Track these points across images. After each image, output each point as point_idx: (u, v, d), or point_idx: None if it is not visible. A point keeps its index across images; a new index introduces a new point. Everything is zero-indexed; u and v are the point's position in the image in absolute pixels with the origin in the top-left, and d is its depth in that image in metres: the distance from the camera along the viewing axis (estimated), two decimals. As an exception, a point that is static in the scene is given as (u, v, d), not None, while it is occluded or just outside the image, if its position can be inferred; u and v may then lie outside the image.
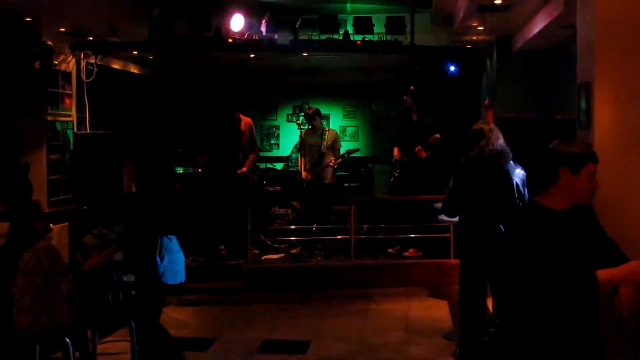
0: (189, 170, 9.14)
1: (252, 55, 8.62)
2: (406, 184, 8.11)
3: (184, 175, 8.40)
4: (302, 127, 8.64)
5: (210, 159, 8.54)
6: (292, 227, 8.60)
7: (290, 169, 10.60)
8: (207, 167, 8.63)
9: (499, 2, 6.51)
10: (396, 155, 8.26)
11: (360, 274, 7.71)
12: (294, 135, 10.62)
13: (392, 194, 8.61)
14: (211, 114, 10.99)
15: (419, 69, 8.08)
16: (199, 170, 9.45)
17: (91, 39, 7.62)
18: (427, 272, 7.65)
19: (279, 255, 8.31)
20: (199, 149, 8.80)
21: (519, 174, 4.66)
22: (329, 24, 8.05)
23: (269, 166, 10.24)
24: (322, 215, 8.47)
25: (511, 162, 4.67)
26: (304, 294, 7.47)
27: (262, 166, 10.26)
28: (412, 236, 8.01)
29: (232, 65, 10.04)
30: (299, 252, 8.26)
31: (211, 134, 8.58)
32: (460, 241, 4.91)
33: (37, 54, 6.52)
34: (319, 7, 8.44)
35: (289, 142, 11.77)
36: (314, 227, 8.34)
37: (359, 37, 8.05)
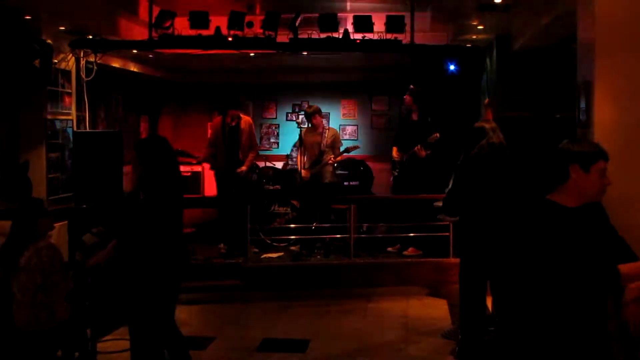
0: (187, 169, 9.14)
1: (252, 54, 8.61)
2: (406, 183, 8.12)
3: (183, 174, 8.39)
4: (301, 125, 8.64)
5: (210, 157, 8.55)
6: (292, 225, 8.60)
7: (289, 167, 10.59)
8: (207, 166, 8.63)
9: (498, 1, 6.51)
10: (395, 156, 8.27)
11: (359, 273, 7.72)
12: (293, 134, 10.61)
13: (391, 192, 8.61)
14: (211, 113, 11.01)
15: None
16: (198, 169, 9.46)
17: (91, 37, 7.61)
18: (426, 271, 7.66)
19: (279, 254, 8.31)
20: (199, 148, 8.80)
21: (518, 173, 4.66)
22: (328, 22, 8.05)
23: (269, 165, 10.23)
24: (322, 214, 8.48)
25: (511, 161, 4.67)
26: (304, 292, 7.47)
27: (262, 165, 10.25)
28: (411, 235, 8.01)
29: (232, 63, 10.02)
30: (298, 251, 8.26)
31: (211, 132, 8.58)
32: (460, 240, 4.91)
33: (37, 52, 6.50)
34: (319, 5, 8.43)
35: (288, 141, 11.77)
36: (314, 225, 8.34)
37: (359, 35, 8.05)
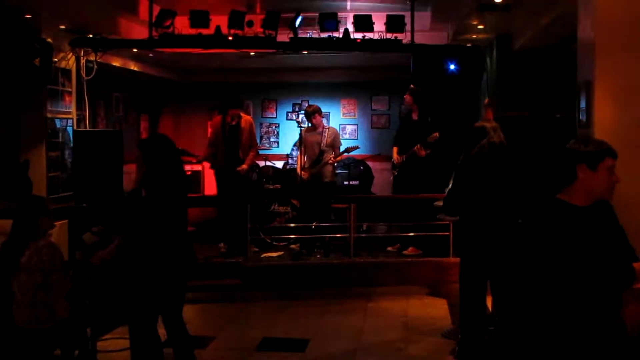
0: (187, 168, 9.13)
1: (252, 53, 8.61)
2: (406, 183, 8.12)
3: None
4: (302, 125, 8.64)
5: (210, 157, 8.55)
6: (292, 225, 8.60)
7: (289, 167, 10.59)
8: (207, 165, 8.63)
9: (499, 0, 6.51)
10: (395, 158, 8.27)
11: (359, 272, 7.72)
12: (294, 133, 10.62)
13: (391, 192, 8.61)
14: (211, 112, 11.02)
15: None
16: (198, 168, 9.46)
17: (91, 36, 7.61)
18: (426, 270, 7.66)
19: (279, 253, 8.31)
20: (199, 147, 8.80)
21: (519, 173, 4.66)
22: (329, 21, 8.05)
23: (269, 164, 10.23)
24: (322, 213, 8.48)
25: (511, 160, 4.67)
26: (304, 292, 7.47)
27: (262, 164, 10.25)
28: (411, 235, 8.02)
29: (232, 62, 10.02)
30: (298, 250, 8.26)
31: (211, 131, 8.58)
32: (460, 240, 4.91)
33: (37, 51, 6.50)
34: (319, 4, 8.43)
35: (288, 140, 11.77)
36: (314, 225, 8.34)
37: (359, 35, 8.05)
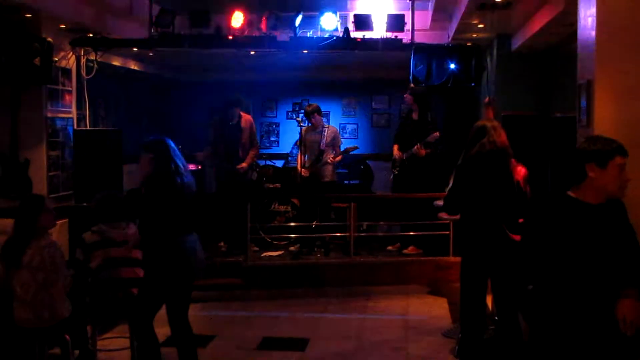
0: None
1: (252, 52, 8.61)
2: (406, 182, 8.12)
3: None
4: (302, 124, 8.64)
5: (210, 155, 8.55)
6: (292, 224, 8.60)
7: (290, 164, 10.59)
8: (207, 164, 8.63)
9: (499, -1, 6.51)
10: (395, 154, 8.26)
11: (359, 272, 7.72)
12: (294, 132, 10.62)
13: (391, 191, 8.61)
14: (211, 111, 11.01)
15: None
16: (198, 167, 9.45)
17: (91, 35, 7.61)
18: (426, 269, 7.67)
19: (279, 252, 8.32)
20: (199, 146, 8.79)
21: (520, 172, 4.66)
22: (329, 21, 8.07)
23: (269, 163, 10.23)
24: (322, 212, 8.48)
25: (512, 159, 4.66)
26: (304, 291, 7.48)
27: (262, 163, 10.25)
28: (411, 234, 8.02)
29: (232, 62, 10.02)
30: (298, 249, 8.27)
31: (211, 130, 8.58)
32: (461, 239, 4.90)
33: (37, 50, 6.50)
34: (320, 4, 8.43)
35: (289, 140, 11.77)
36: (314, 224, 8.34)
37: (360, 34, 8.06)
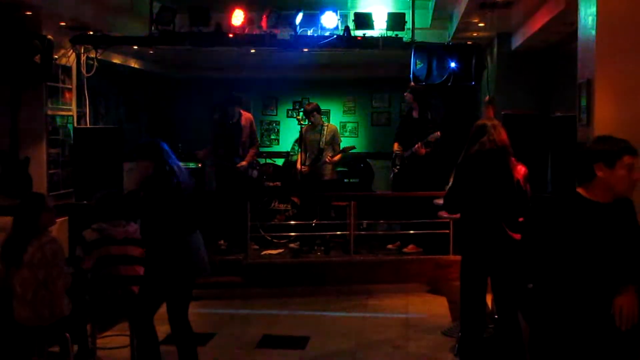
0: (189, 165, 9.13)
1: (253, 50, 8.61)
2: (406, 180, 8.12)
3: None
4: (302, 122, 8.64)
5: (210, 154, 8.55)
6: (292, 222, 8.60)
7: (292, 159, 10.56)
8: (207, 162, 8.63)
9: (500, -2, 6.52)
10: (396, 149, 8.26)
11: (359, 270, 7.72)
12: (294, 130, 10.61)
13: (391, 190, 8.61)
14: (211, 109, 11.01)
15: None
16: (198, 165, 9.45)
17: (91, 33, 7.61)
18: (426, 268, 7.66)
19: (279, 250, 8.31)
20: (199, 144, 8.79)
21: (520, 171, 4.65)
22: (329, 19, 8.06)
23: (269, 161, 10.23)
24: (322, 211, 8.48)
25: (512, 158, 4.66)
26: (304, 289, 7.48)
27: (262, 161, 10.25)
28: (411, 232, 8.02)
29: (233, 60, 10.02)
30: (298, 248, 8.27)
31: (211, 129, 8.58)
32: (461, 237, 4.90)
33: (38, 48, 6.49)
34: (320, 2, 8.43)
35: (289, 138, 11.77)
36: (314, 222, 8.34)
37: (360, 33, 8.06)
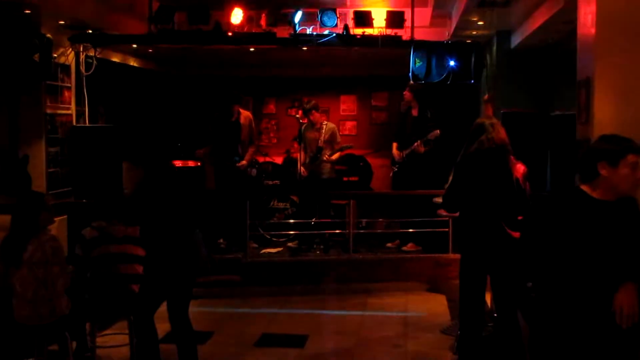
0: (188, 163, 9.11)
1: (252, 49, 8.61)
2: (405, 179, 8.13)
3: (183, 169, 8.40)
4: (301, 121, 8.64)
5: (209, 152, 8.55)
6: (291, 221, 8.60)
7: (291, 155, 10.53)
8: (207, 161, 8.62)
9: (499, -3, 6.51)
10: (394, 153, 8.27)
11: (358, 269, 7.73)
12: (293, 129, 10.59)
13: (391, 188, 8.61)
14: (211, 108, 10.99)
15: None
16: (198, 163, 9.43)
17: (90, 31, 7.60)
18: (425, 266, 7.67)
19: (278, 249, 8.32)
20: (198, 143, 8.79)
21: (519, 169, 4.65)
22: (328, 17, 8.07)
23: (268, 160, 10.21)
24: (321, 209, 8.48)
25: (511, 157, 4.66)
26: (303, 287, 7.49)
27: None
28: (410, 231, 8.02)
29: (232, 58, 10.01)
30: (297, 246, 8.27)
31: (211, 127, 8.58)
32: (460, 236, 4.90)
33: (37, 46, 6.49)
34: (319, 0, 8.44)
35: (288, 137, 11.74)
36: (313, 221, 8.35)
37: (359, 31, 8.06)
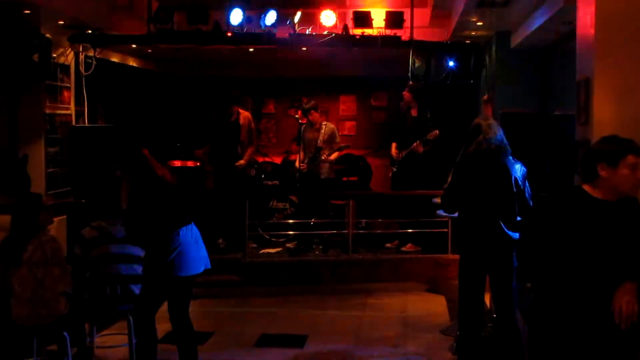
0: (187, 163, 9.11)
1: (251, 49, 8.61)
2: (404, 179, 8.13)
3: (182, 169, 8.40)
4: (300, 121, 8.64)
5: (209, 152, 8.54)
6: (290, 221, 8.60)
7: (289, 158, 10.54)
8: (206, 161, 8.62)
9: (498, -3, 6.51)
10: (393, 153, 8.27)
11: (358, 269, 7.73)
12: (292, 129, 10.59)
13: (390, 188, 8.62)
14: (210, 108, 10.99)
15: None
16: (197, 164, 9.43)
17: (90, 32, 7.61)
18: (424, 267, 7.68)
19: (277, 249, 8.32)
20: (198, 143, 8.78)
21: (518, 170, 4.66)
22: (327, 18, 8.08)
23: (267, 160, 10.21)
24: (320, 209, 8.48)
25: (510, 157, 4.66)
26: (302, 288, 7.49)
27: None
28: (410, 231, 8.02)
29: (231, 58, 10.01)
30: (296, 247, 8.27)
31: (210, 127, 8.58)
32: (459, 236, 4.91)
33: (36, 46, 6.50)
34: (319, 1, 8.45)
35: (287, 137, 11.74)
36: (312, 221, 8.35)
37: (359, 31, 8.06)
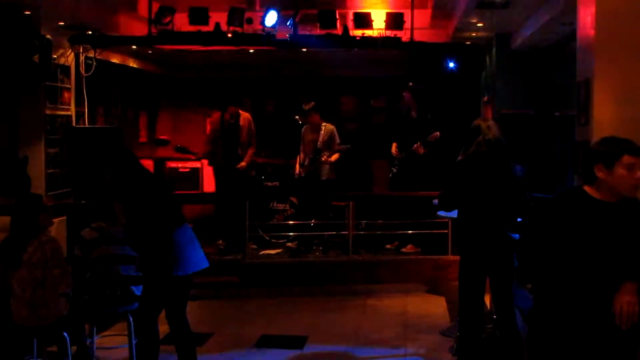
0: (186, 165, 9.13)
1: (251, 50, 8.61)
2: (405, 180, 8.12)
3: (182, 170, 8.42)
4: (300, 122, 8.63)
5: (208, 154, 8.54)
6: (290, 222, 8.60)
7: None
8: (206, 162, 8.63)
9: (498, -2, 6.52)
10: (394, 152, 8.26)
11: (358, 270, 7.72)
12: (292, 130, 10.59)
13: (390, 190, 8.61)
14: (209, 109, 10.99)
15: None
16: (197, 165, 9.45)
17: (90, 33, 7.61)
18: (425, 268, 7.67)
19: (277, 250, 8.31)
20: (198, 144, 8.79)
21: (518, 170, 4.66)
22: (328, 19, 8.07)
23: (268, 162, 10.20)
24: (320, 210, 8.48)
25: (510, 158, 4.66)
26: (302, 289, 7.48)
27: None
28: (410, 232, 8.02)
29: (231, 59, 10.01)
30: (296, 247, 8.26)
31: (210, 129, 8.58)
32: (459, 237, 4.90)
33: (36, 47, 6.49)
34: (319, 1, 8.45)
35: (287, 138, 11.73)
36: (312, 222, 8.34)
37: (359, 32, 8.06)
